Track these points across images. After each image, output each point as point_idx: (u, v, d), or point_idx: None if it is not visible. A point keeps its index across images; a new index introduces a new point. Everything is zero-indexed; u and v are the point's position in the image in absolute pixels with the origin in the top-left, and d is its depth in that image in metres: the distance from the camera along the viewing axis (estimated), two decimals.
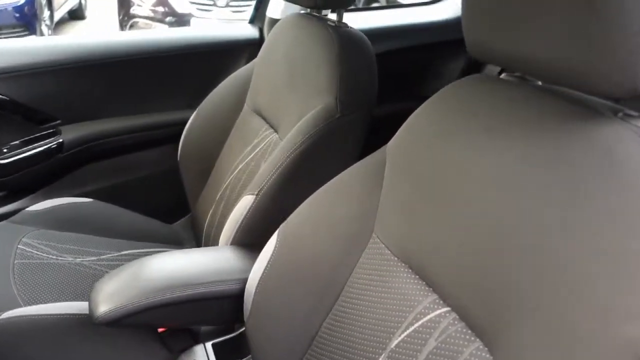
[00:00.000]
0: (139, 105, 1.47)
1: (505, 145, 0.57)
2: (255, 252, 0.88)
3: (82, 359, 0.91)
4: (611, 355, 0.42)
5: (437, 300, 0.61)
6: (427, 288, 0.63)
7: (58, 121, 1.39)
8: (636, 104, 0.52)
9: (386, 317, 0.65)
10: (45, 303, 0.96)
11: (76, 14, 6.61)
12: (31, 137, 1.37)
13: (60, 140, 1.36)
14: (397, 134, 0.75)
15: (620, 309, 0.43)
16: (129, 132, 1.43)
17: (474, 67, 1.72)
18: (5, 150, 1.34)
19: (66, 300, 1.01)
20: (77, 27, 6.51)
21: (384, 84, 1.12)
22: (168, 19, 4.95)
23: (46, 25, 5.14)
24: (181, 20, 4.98)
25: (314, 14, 1.20)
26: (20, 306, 0.94)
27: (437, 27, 1.73)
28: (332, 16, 1.18)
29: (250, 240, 0.96)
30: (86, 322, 0.89)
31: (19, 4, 4.64)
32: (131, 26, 4.86)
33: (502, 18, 0.56)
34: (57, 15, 5.66)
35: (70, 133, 1.38)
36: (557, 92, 0.58)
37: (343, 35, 1.06)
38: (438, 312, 0.60)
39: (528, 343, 0.49)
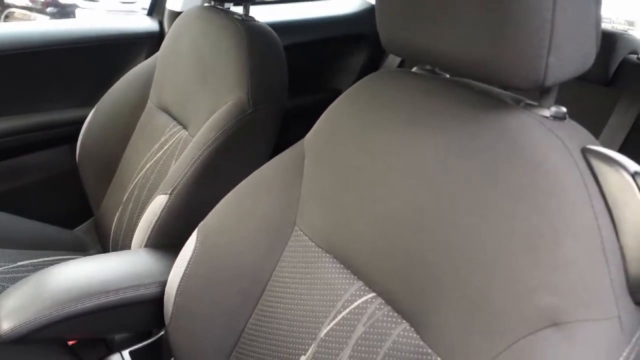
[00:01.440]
0: (32, 103, 1.35)
1: (422, 135, 0.60)
2: (172, 253, 0.86)
3: None
4: (527, 325, 0.46)
5: (362, 287, 0.63)
6: (352, 276, 0.65)
7: None
8: (534, 94, 0.57)
9: (314, 308, 0.67)
10: None
11: None
12: None
13: None
14: (314, 127, 0.76)
15: (531, 281, 0.47)
16: (21, 133, 1.31)
17: (373, 61, 1.79)
18: None
19: None
20: None
21: (293, 78, 1.13)
22: (49, 9, 4.60)
23: None
24: (64, 11, 4.64)
25: (218, 7, 1.18)
26: None
27: (339, 21, 1.77)
28: (236, 9, 1.17)
29: (166, 241, 0.92)
30: None
31: None
32: (6, 17, 4.44)
33: (414, 13, 0.59)
34: None
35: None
36: (465, 85, 0.62)
37: (251, 29, 1.05)
38: (364, 298, 0.62)
39: (450, 320, 0.52)
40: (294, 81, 1.12)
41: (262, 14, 1.53)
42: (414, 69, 0.70)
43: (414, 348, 0.55)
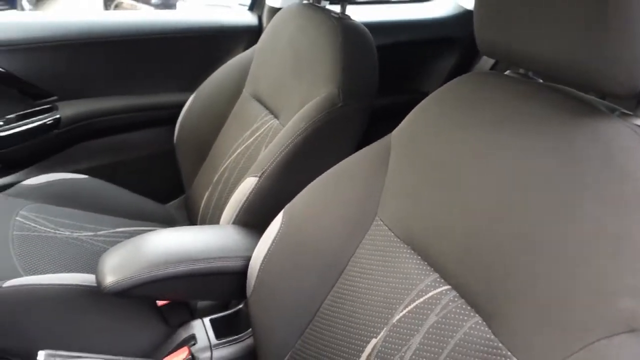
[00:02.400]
0: (137, 85, 1.48)
1: (510, 136, 0.62)
2: (257, 232, 0.92)
3: (81, 328, 0.93)
4: (606, 327, 0.47)
5: (438, 279, 0.65)
6: (428, 268, 0.67)
7: (54, 97, 1.39)
8: (629, 104, 0.57)
9: (388, 294, 0.70)
10: (44, 274, 0.98)
11: None
12: (27, 111, 1.37)
13: (57, 116, 1.36)
14: (403, 122, 0.79)
15: (615, 284, 0.48)
16: (126, 112, 1.44)
17: (462, 65, 1.78)
18: (1, 124, 1.34)
19: (64, 272, 1.02)
20: (56, 4, 6.37)
21: (382, 77, 1.16)
22: (154, 1, 4.90)
23: (27, 0, 5.03)
24: (167, 2, 4.92)
25: (316, 4, 1.23)
26: (21, 276, 0.95)
27: (431, 24, 1.77)
28: (333, 8, 1.21)
29: (252, 220, 0.99)
30: (87, 293, 0.92)
31: None
32: (116, 6, 4.79)
33: (513, 17, 0.61)
34: None
35: (67, 109, 1.38)
36: (558, 90, 0.63)
37: (346, 27, 1.09)
38: (439, 290, 0.65)
39: (524, 315, 0.54)
40: (381, 81, 1.15)
41: (358, 13, 1.57)
42: (506, 72, 0.71)
43: (485, 341, 0.57)
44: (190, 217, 1.34)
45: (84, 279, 0.93)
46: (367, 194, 0.78)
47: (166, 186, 1.46)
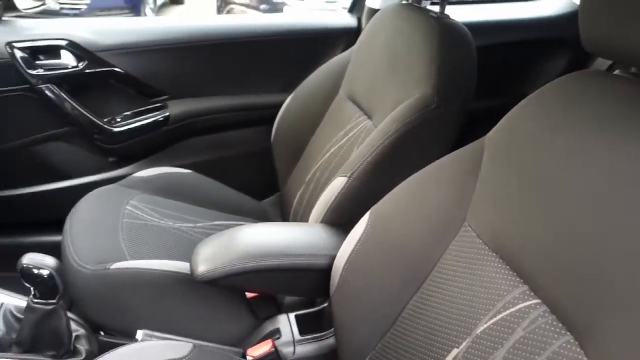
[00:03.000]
0: (238, 86, 1.55)
1: (613, 141, 0.56)
2: (344, 231, 0.92)
3: (175, 313, 0.99)
4: None
5: (527, 292, 0.61)
6: (517, 279, 0.63)
7: (166, 96, 1.50)
8: None
9: (473, 304, 0.67)
10: (147, 259, 1.05)
11: None
12: (142, 109, 1.48)
13: (167, 114, 1.47)
14: (498, 125, 0.75)
15: None
16: (228, 111, 1.52)
17: (574, 68, 1.65)
18: (119, 120, 1.47)
19: (165, 259, 1.09)
20: (176, 10, 6.86)
21: (481, 79, 1.12)
22: (262, 6, 5.11)
23: (150, 8, 5.48)
24: (274, 8, 5.11)
25: (415, 4, 1.21)
26: (127, 260, 1.03)
27: (539, 24, 1.68)
28: (433, 8, 1.19)
29: (339, 220, 0.99)
30: (182, 280, 0.98)
31: None
32: (228, 12, 5.06)
33: (622, 12, 0.56)
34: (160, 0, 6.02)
35: (175, 108, 1.48)
36: None
37: (444, 27, 1.06)
38: (528, 303, 0.61)
39: (622, 340, 0.49)
40: (482, 83, 1.11)
41: (460, 14, 1.52)
42: (616, 72, 0.65)
43: None
44: (284, 215, 1.37)
45: (181, 266, 0.99)
46: (457, 198, 0.75)
47: (262, 183, 1.51)
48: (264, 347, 0.92)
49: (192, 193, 1.35)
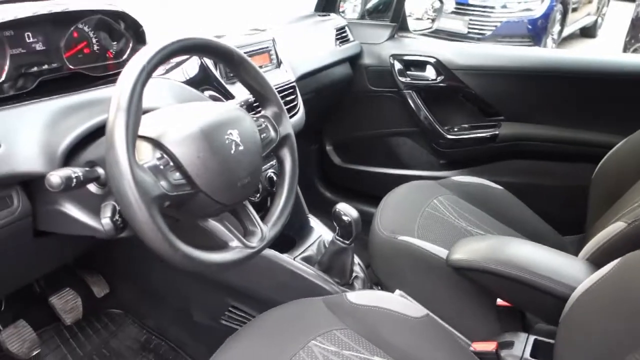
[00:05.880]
0: (569, 119, 1.56)
1: None
2: (594, 266, 0.92)
3: (426, 289, 1.15)
4: None
5: None
6: None
7: (501, 117, 1.65)
8: None
9: None
10: (425, 241, 1.24)
11: (588, 32, 6.69)
12: (477, 124, 1.68)
13: (497, 132, 1.62)
14: None
15: None
16: (554, 141, 1.56)
17: None
18: (456, 129, 1.70)
19: (441, 247, 1.26)
20: (583, 44, 6.59)
21: None
22: None
23: (552, 39, 5.47)
24: None
25: None
26: (413, 237, 1.24)
27: None
28: None
29: (603, 261, 0.97)
30: (440, 264, 1.12)
31: (534, 17, 5.10)
32: (635, 50, 4.65)
33: None
34: (567, 31, 5.89)
35: (506, 129, 1.61)
36: None
37: None
38: None
39: None
40: None
41: None
42: None
43: None
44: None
45: (444, 253, 1.14)
46: None
47: (569, 218, 1.50)
48: (489, 345, 1.00)
49: (496, 207, 1.46)
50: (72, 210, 0.83)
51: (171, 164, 0.71)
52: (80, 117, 0.83)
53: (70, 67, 0.97)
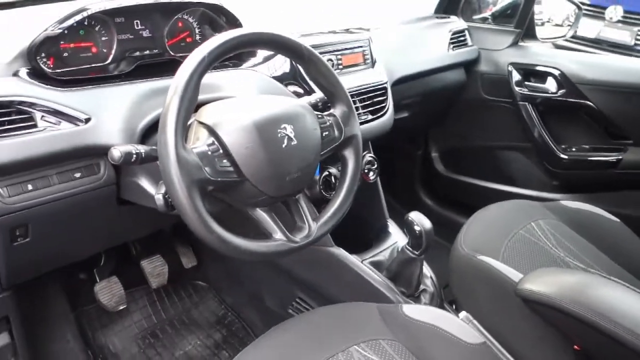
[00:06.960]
0: None
1: None
2: None
3: (504, 319, 1.06)
4: None
5: None
6: None
7: (629, 141, 1.45)
8: None
9: None
10: (503, 263, 1.13)
11: None
12: (599, 146, 1.50)
13: (621, 157, 1.43)
14: None
15: None
16: None
17: None
18: (574, 149, 1.54)
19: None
20: None
21: None
22: None
23: None
24: None
25: None
26: (496, 259, 1.15)
27: None
28: None
29: None
30: (510, 287, 1.02)
31: None
32: None
33: None
34: None
35: (633, 154, 1.42)
36: None
37: None
38: None
39: None
40: None
41: None
42: None
43: None
44: None
45: (517, 277, 1.04)
46: None
47: None
48: None
49: (607, 241, 1.30)
50: (145, 183, 0.91)
51: (221, 151, 0.74)
52: (162, 100, 0.91)
53: (172, 53, 1.06)
